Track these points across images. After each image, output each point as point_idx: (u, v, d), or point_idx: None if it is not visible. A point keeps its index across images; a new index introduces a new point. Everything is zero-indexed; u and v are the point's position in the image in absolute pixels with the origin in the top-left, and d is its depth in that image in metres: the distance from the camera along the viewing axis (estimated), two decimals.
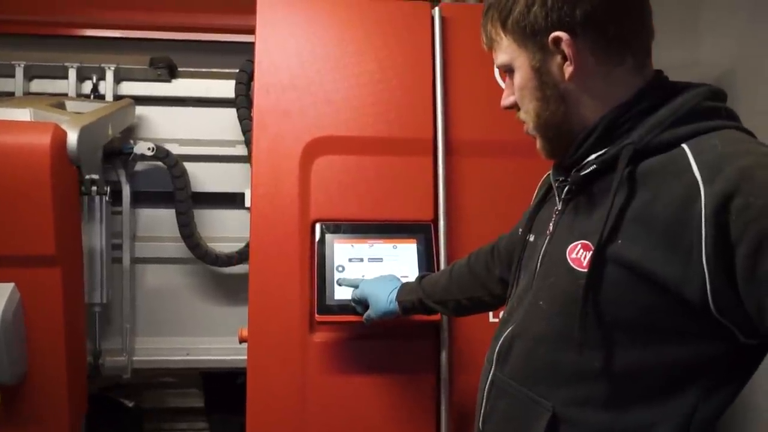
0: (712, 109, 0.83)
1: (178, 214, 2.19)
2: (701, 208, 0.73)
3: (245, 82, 2.22)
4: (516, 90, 0.93)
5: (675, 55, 2.05)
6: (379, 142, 1.71)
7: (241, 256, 2.23)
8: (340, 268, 1.61)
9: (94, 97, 2.30)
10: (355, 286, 1.53)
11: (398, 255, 1.63)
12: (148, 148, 2.16)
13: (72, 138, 1.72)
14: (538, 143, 0.95)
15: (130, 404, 2.44)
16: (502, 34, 0.91)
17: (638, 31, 0.87)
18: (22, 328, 1.63)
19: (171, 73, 2.32)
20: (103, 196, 2.14)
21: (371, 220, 1.68)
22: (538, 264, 0.95)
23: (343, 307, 1.56)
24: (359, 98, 1.72)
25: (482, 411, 1.00)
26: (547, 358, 0.89)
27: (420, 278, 1.44)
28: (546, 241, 0.95)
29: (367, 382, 1.64)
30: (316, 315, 1.56)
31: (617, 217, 0.80)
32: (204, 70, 2.38)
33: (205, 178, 2.36)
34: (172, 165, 2.18)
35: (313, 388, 1.62)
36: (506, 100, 0.96)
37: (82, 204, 2.11)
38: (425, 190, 1.71)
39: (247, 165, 2.28)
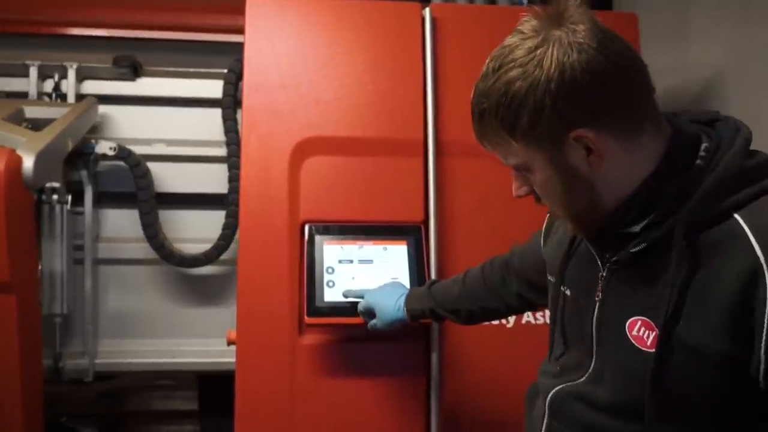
0: (755, 168, 0.81)
1: (141, 214, 2.16)
2: (765, 293, 0.73)
3: (233, 82, 2.20)
4: (537, 187, 0.90)
5: (665, 57, 2.06)
6: (370, 143, 1.71)
7: (208, 257, 2.20)
8: (330, 270, 1.60)
9: (56, 97, 2.27)
10: (361, 297, 1.51)
11: (388, 256, 1.62)
12: (110, 148, 2.12)
13: (28, 164, 1.66)
14: (570, 226, 0.94)
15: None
16: (510, 140, 0.85)
17: (647, 93, 0.84)
18: None
19: (135, 72, 2.29)
20: (64, 205, 2.11)
21: (361, 222, 1.67)
22: (593, 330, 0.93)
23: (333, 310, 1.55)
24: (349, 98, 1.71)
25: None
26: (612, 429, 0.89)
27: (429, 285, 1.42)
28: (596, 307, 0.92)
29: (356, 385, 1.63)
30: (306, 317, 1.55)
31: (678, 296, 0.79)
32: (170, 69, 2.34)
33: (170, 178, 2.31)
34: (134, 165, 2.14)
35: (302, 391, 1.61)
36: (519, 190, 0.93)
37: (42, 213, 2.08)
38: (415, 191, 1.70)
39: (223, 165, 2.24)
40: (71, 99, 2.25)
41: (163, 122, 2.34)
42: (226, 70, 2.24)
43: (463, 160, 1.73)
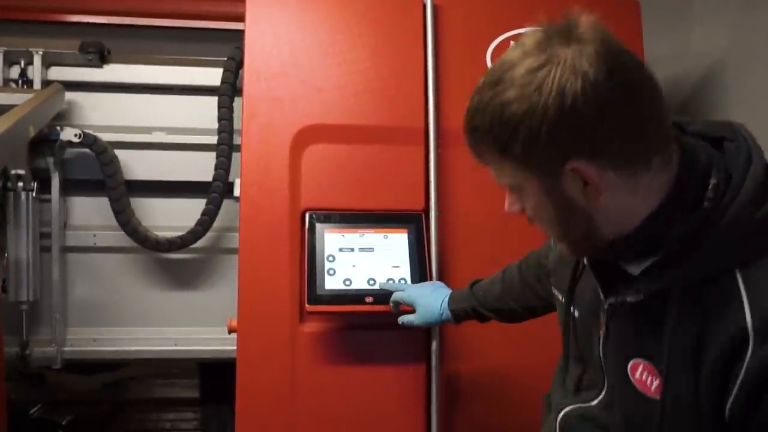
0: (763, 222, 0.74)
1: (111, 201, 2.14)
2: (743, 367, 0.72)
3: (233, 70, 2.19)
4: (529, 209, 0.85)
5: (667, 44, 2.05)
6: (371, 131, 1.70)
7: (184, 241, 2.19)
8: (331, 258, 1.60)
9: (23, 83, 2.24)
10: (397, 288, 1.52)
11: (389, 245, 1.62)
12: (75, 135, 2.10)
13: None
14: (565, 250, 0.89)
15: (63, 422, 2.42)
16: (502, 161, 0.80)
17: (658, 124, 0.76)
18: None
19: (102, 58, 2.28)
20: (30, 192, 2.09)
21: (362, 210, 1.67)
22: (602, 358, 0.92)
23: (334, 298, 1.55)
24: (351, 86, 1.71)
25: None
26: None
27: (471, 285, 1.41)
28: (602, 339, 0.91)
29: (357, 372, 1.63)
30: (306, 305, 1.55)
31: (677, 350, 0.78)
32: (139, 55, 2.31)
33: (142, 165, 2.28)
34: (100, 152, 2.12)
35: (303, 379, 1.61)
36: (512, 207, 0.88)
37: (8, 200, 2.06)
38: (416, 180, 1.70)
39: (203, 153, 2.22)
40: (37, 85, 2.22)
41: (134, 109, 2.31)
42: (194, 57, 2.22)
43: (464, 149, 1.69)
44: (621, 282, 0.85)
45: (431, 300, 1.43)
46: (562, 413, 0.99)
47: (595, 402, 0.94)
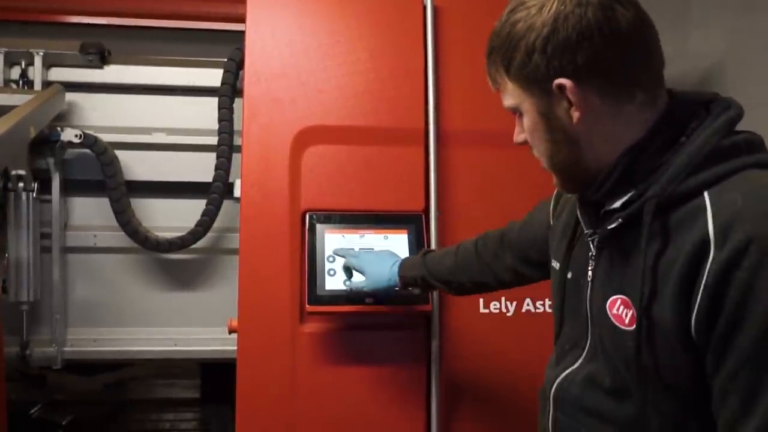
0: (731, 147, 0.81)
1: (111, 201, 2.15)
2: (705, 272, 0.75)
3: (233, 71, 2.19)
4: (526, 132, 0.92)
5: (665, 46, 2.05)
6: (371, 132, 1.71)
7: (184, 241, 2.19)
8: (331, 259, 1.60)
9: (23, 84, 2.24)
10: (350, 255, 1.55)
11: (389, 245, 1.63)
12: (75, 135, 2.10)
13: None
14: (555, 180, 0.95)
15: (63, 422, 2.42)
16: (507, 79, 0.89)
17: (646, 63, 0.84)
18: None
19: (102, 59, 2.28)
20: (30, 192, 2.09)
21: (362, 211, 1.67)
22: (588, 311, 0.95)
23: (334, 298, 1.56)
24: (351, 87, 1.71)
25: None
26: (610, 410, 0.90)
27: (423, 254, 1.44)
28: (589, 289, 0.94)
29: (357, 372, 1.64)
30: (307, 305, 1.56)
31: (650, 276, 0.81)
32: (139, 56, 2.31)
33: (143, 166, 2.28)
34: (100, 152, 2.12)
35: (303, 379, 1.62)
36: (518, 137, 0.95)
37: (8, 201, 2.06)
38: (416, 181, 1.70)
39: (203, 154, 2.22)
40: (38, 86, 2.22)
41: (134, 110, 2.31)
42: (194, 58, 2.22)
43: (464, 149, 1.73)
44: (607, 219, 0.89)
45: (381, 265, 1.46)
46: (554, 386, 1.00)
47: (579, 361, 0.96)
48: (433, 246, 1.66)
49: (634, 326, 0.82)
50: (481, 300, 1.69)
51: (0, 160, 1.72)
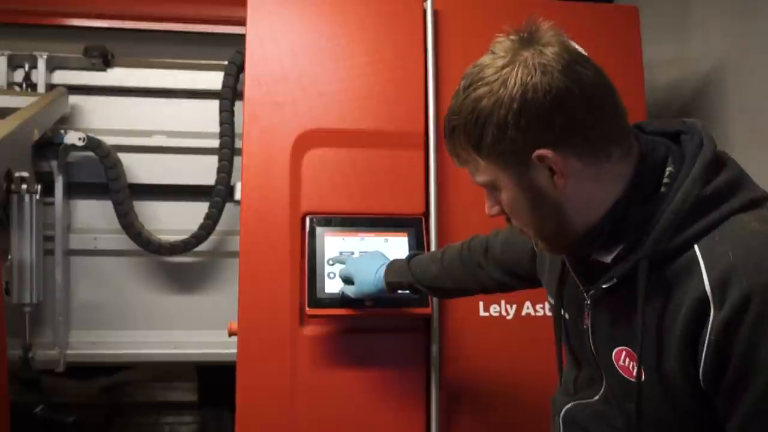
0: (713, 196, 0.81)
1: (115, 204, 2.16)
2: (707, 331, 0.76)
3: (234, 74, 2.20)
4: (505, 206, 0.91)
5: (665, 50, 2.06)
6: (371, 136, 1.71)
7: (186, 245, 2.20)
8: (331, 262, 1.60)
9: (27, 87, 2.25)
10: (340, 261, 1.57)
11: (389, 248, 1.63)
12: (79, 138, 2.11)
13: None
14: (541, 245, 0.95)
15: (70, 419, 2.42)
16: (477, 157, 0.87)
17: (614, 116, 0.84)
18: None
19: (106, 62, 2.29)
20: (33, 195, 2.10)
21: (362, 214, 1.68)
22: (594, 357, 0.96)
23: (334, 301, 1.56)
24: (351, 91, 1.71)
25: None
26: None
27: (409, 259, 1.44)
28: (590, 335, 0.95)
29: (357, 376, 1.64)
30: (307, 308, 1.56)
31: (655, 332, 0.83)
32: (143, 59, 2.33)
33: (146, 168, 2.29)
34: (104, 155, 2.13)
35: (303, 382, 1.61)
36: (492, 210, 0.93)
37: (11, 203, 2.07)
38: (416, 184, 1.70)
39: (204, 157, 2.23)
40: (41, 89, 2.23)
41: (137, 113, 2.32)
42: (199, 61, 2.22)
43: None
44: (598, 274, 0.89)
45: (367, 269, 1.46)
46: (563, 411, 1.03)
47: (597, 397, 0.98)
48: (432, 250, 1.66)
49: (643, 379, 0.84)
50: (481, 303, 1.69)
51: (3, 162, 1.72)
